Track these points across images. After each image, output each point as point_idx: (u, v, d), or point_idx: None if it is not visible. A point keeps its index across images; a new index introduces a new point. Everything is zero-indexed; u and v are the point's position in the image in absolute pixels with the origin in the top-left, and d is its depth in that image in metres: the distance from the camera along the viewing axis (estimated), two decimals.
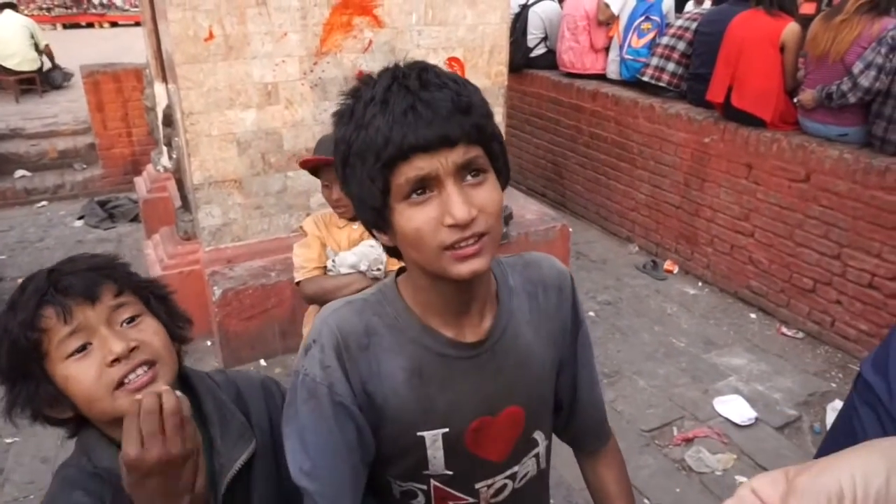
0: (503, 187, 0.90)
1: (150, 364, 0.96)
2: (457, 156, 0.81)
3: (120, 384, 0.93)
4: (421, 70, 0.84)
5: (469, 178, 0.83)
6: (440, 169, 0.81)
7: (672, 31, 4.65)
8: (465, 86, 0.85)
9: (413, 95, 0.80)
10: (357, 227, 2.26)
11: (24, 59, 8.20)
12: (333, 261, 2.26)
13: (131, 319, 0.98)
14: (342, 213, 2.23)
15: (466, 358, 0.97)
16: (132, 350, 0.94)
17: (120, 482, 0.91)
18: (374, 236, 0.95)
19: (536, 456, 1.10)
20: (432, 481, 1.02)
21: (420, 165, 0.81)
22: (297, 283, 2.31)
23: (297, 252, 2.31)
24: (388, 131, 0.80)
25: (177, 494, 0.90)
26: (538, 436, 1.08)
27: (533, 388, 1.04)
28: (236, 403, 1.10)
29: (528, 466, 1.09)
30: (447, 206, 0.81)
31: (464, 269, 0.84)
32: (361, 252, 2.22)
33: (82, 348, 0.94)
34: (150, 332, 0.98)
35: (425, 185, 0.82)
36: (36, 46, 8.34)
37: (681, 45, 4.55)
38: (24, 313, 0.92)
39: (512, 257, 1.08)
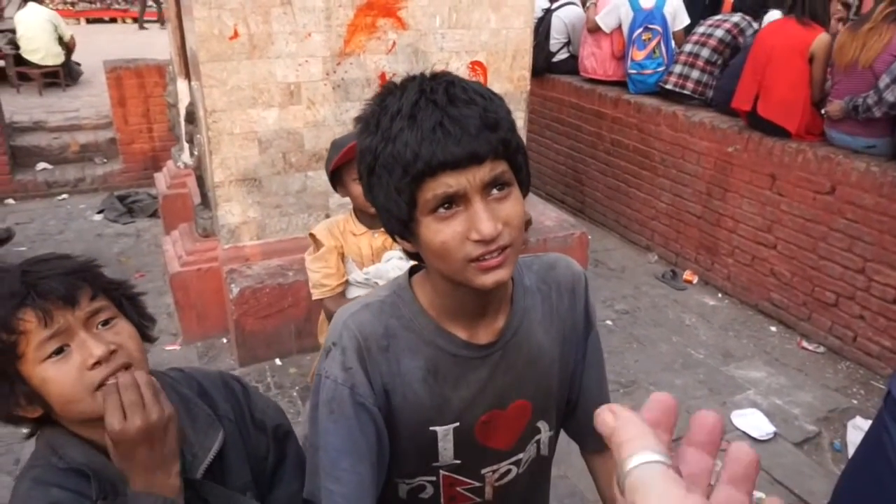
0: (524, 195, 0.91)
1: (128, 367, 0.98)
2: (484, 173, 0.83)
3: (100, 385, 0.95)
4: (448, 84, 0.85)
5: (495, 191, 0.85)
6: (468, 187, 0.83)
7: (695, 38, 4.61)
8: (491, 100, 0.86)
9: (441, 111, 0.82)
10: (377, 235, 2.13)
11: (48, 54, 8.27)
12: (367, 272, 2.12)
13: (106, 322, 1.00)
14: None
15: (479, 358, 1.00)
16: (111, 353, 0.96)
17: (102, 474, 0.98)
18: (395, 240, 0.96)
19: (538, 442, 1.14)
20: (441, 471, 1.06)
21: (448, 182, 0.82)
22: (320, 300, 2.17)
23: (314, 267, 2.15)
24: (417, 147, 0.81)
25: (165, 461, 0.95)
26: (542, 425, 1.12)
27: (541, 382, 1.08)
28: (200, 397, 1.14)
29: (530, 451, 1.13)
30: (474, 222, 0.83)
31: (488, 279, 0.86)
32: (398, 266, 2.08)
33: (60, 350, 0.95)
34: (125, 335, 1.01)
35: (452, 201, 0.84)
36: (60, 39, 8.40)
37: (704, 53, 4.51)
38: (1, 315, 0.93)
39: (529, 257, 1.10)
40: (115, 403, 0.91)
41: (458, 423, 1.02)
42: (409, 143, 0.81)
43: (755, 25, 4.47)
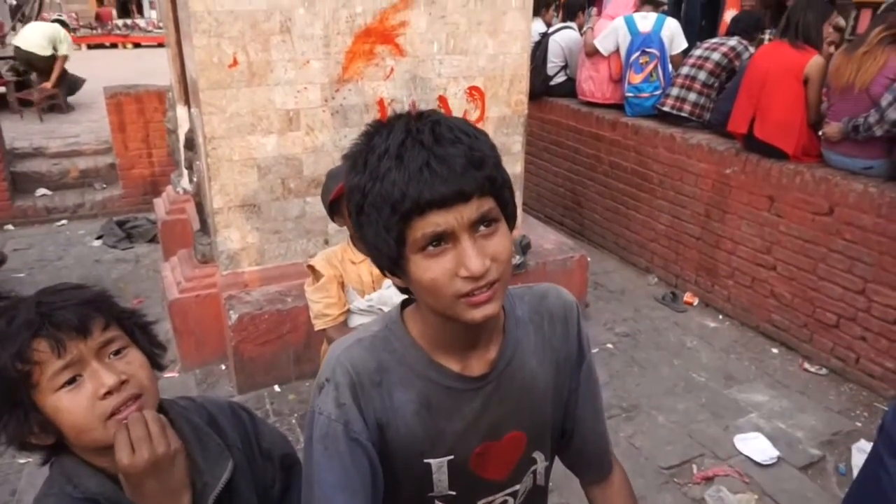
0: (511, 228, 0.92)
1: (138, 396, 1.01)
2: (471, 210, 0.84)
3: (112, 415, 0.98)
4: (434, 123, 0.86)
5: (482, 228, 0.87)
6: (455, 225, 0.84)
7: (691, 61, 4.64)
8: (476, 138, 0.87)
9: (428, 151, 0.83)
10: None
11: (35, 45, 8.38)
12: (370, 299, 2.11)
13: (118, 351, 1.03)
14: None
15: (472, 390, 1.01)
16: (122, 383, 0.99)
17: (115, 503, 1.01)
18: (385, 275, 0.97)
19: (534, 472, 1.14)
20: (437, 502, 1.07)
21: (436, 221, 0.84)
22: (323, 330, 2.17)
23: (315, 297, 2.15)
24: (405, 186, 0.82)
25: (174, 493, 1.00)
26: (537, 455, 1.13)
27: (535, 413, 1.08)
28: (210, 426, 1.16)
29: (526, 483, 1.14)
30: (462, 259, 0.85)
31: (478, 314, 0.88)
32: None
33: (72, 380, 0.98)
34: (136, 364, 1.03)
35: (441, 239, 0.85)
36: (55, 50, 8.47)
37: (701, 76, 4.54)
38: (16, 345, 0.95)
39: (520, 288, 1.11)
40: (124, 439, 0.95)
41: (452, 456, 1.03)
42: (397, 183, 0.83)
43: (751, 49, 4.51)
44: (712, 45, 4.63)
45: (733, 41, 4.58)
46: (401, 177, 0.83)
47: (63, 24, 8.77)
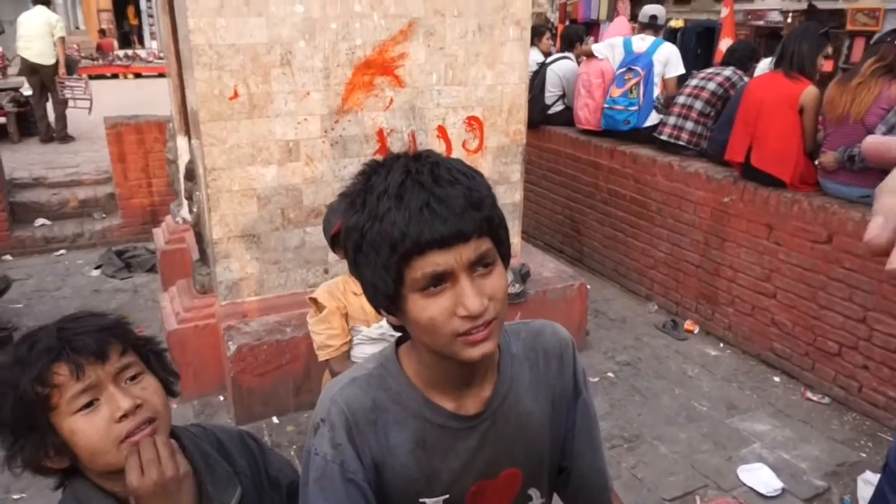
0: (506, 268, 0.94)
1: (152, 420, 1.05)
2: (470, 251, 0.86)
3: (125, 438, 1.02)
4: (433, 165, 0.88)
5: (480, 269, 0.88)
6: (454, 265, 0.85)
7: (688, 90, 4.69)
8: (473, 178, 0.89)
9: (427, 192, 0.85)
10: None
11: (41, 54, 8.43)
12: (381, 326, 2.12)
13: (134, 377, 1.06)
14: None
15: (467, 429, 1.01)
16: (137, 407, 1.03)
17: None
18: (379, 313, 0.98)
19: None
20: None
21: (436, 261, 0.85)
22: (326, 361, 2.19)
23: (318, 329, 2.17)
24: (405, 226, 0.83)
25: None
26: (533, 493, 1.12)
27: (531, 450, 1.08)
28: (219, 452, 1.19)
29: None
30: (461, 299, 0.86)
31: (475, 352, 0.88)
32: None
33: (90, 404, 1.01)
34: (150, 390, 1.07)
35: (440, 279, 0.86)
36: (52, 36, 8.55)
37: (698, 105, 4.58)
38: (36, 369, 0.99)
39: (516, 324, 1.12)
40: (134, 461, 0.99)
41: (448, 495, 1.03)
42: (397, 223, 0.84)
43: (745, 79, 4.57)
44: (708, 74, 4.68)
45: (728, 71, 4.64)
46: (401, 217, 0.84)
47: (45, 2, 8.90)
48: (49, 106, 8.67)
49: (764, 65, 5.27)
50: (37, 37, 8.46)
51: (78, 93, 8.89)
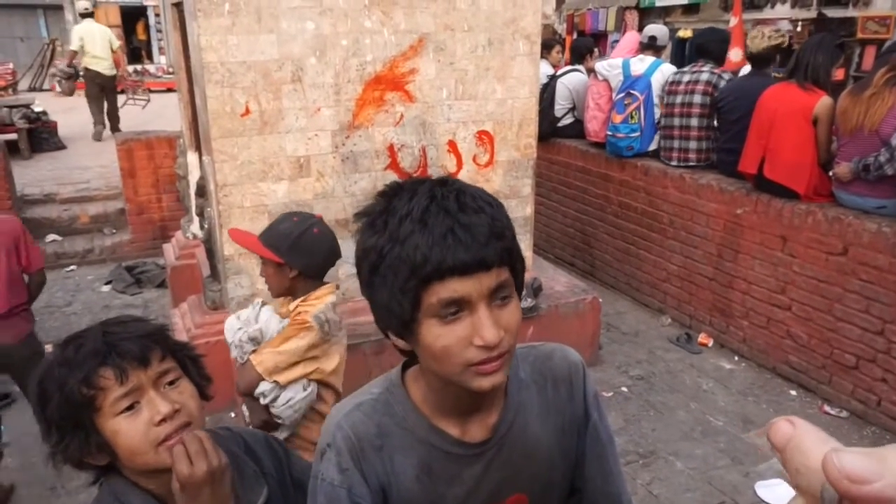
0: (519, 300, 0.93)
1: (188, 424, 1.09)
2: (490, 280, 0.85)
3: (163, 440, 1.06)
4: (458, 192, 0.88)
5: (498, 301, 0.88)
6: (473, 293, 0.85)
7: (677, 110, 4.59)
8: (498, 208, 0.90)
9: (452, 218, 0.84)
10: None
11: (108, 65, 9.37)
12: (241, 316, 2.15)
13: (172, 382, 1.10)
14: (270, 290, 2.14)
15: (473, 455, 1.00)
16: (175, 411, 1.07)
17: None
18: (387, 337, 0.96)
19: None
20: None
21: (455, 288, 0.84)
22: (243, 364, 2.15)
23: (287, 351, 2.06)
24: (428, 251, 0.83)
25: (224, 501, 1.08)
26: None
27: (538, 476, 1.06)
28: (247, 454, 1.23)
29: None
30: (478, 329, 0.85)
31: (486, 382, 0.88)
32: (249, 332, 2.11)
33: (131, 406, 1.05)
34: (187, 394, 1.11)
35: (458, 306, 0.86)
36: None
37: (694, 122, 4.52)
38: (84, 371, 1.03)
39: (525, 348, 1.10)
40: (182, 453, 1.03)
41: None
42: (420, 247, 0.83)
43: (725, 77, 4.50)
44: (687, 87, 4.53)
45: (706, 75, 4.49)
46: (424, 241, 0.83)
47: (90, 16, 9.73)
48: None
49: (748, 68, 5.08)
50: (102, 51, 9.18)
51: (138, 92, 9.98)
